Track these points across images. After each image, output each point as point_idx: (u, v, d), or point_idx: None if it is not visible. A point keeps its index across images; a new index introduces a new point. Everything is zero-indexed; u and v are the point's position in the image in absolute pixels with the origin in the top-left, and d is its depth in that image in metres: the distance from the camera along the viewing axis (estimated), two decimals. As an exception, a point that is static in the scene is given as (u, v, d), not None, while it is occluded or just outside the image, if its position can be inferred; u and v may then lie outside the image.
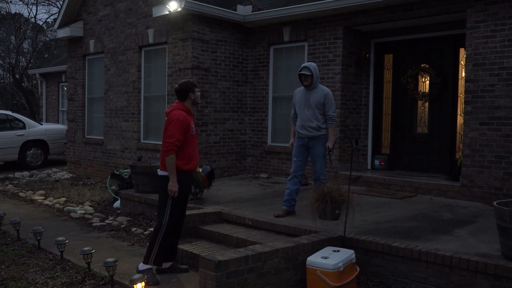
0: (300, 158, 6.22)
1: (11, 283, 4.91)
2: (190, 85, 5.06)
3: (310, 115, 6.08)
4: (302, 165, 6.25)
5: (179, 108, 5.00)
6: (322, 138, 6.11)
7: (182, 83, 5.08)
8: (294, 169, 6.25)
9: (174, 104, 5.09)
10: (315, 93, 6.09)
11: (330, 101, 6.09)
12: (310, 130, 6.08)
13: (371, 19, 8.22)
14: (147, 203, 7.52)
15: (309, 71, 6.00)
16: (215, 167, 8.15)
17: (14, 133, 12.98)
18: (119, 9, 10.76)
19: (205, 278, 4.12)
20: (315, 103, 6.07)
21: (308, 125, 6.09)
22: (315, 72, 6.05)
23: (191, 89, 5.03)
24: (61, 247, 5.58)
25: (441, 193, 7.35)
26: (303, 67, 6.06)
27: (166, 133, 4.88)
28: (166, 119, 5.01)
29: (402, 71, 8.70)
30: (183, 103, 5.05)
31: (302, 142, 6.19)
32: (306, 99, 6.15)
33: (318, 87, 6.13)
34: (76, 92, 12.36)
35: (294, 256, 4.63)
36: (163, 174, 4.98)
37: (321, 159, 6.13)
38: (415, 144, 8.67)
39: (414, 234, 5.25)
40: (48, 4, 26.14)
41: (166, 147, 4.84)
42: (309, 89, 6.13)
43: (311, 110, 6.08)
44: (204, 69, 9.29)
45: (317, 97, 6.07)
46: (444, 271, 4.49)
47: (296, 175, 6.21)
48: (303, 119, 6.14)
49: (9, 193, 9.84)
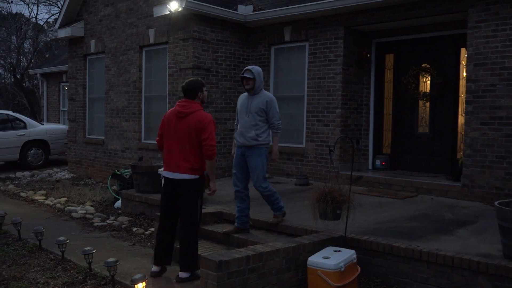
0: (239, 170, 5.63)
1: (13, 282, 4.91)
2: (200, 84, 4.96)
3: (249, 122, 5.52)
4: (242, 178, 5.65)
5: (200, 108, 4.89)
6: (259, 148, 5.53)
7: (191, 82, 4.96)
8: (234, 184, 5.69)
9: (190, 103, 4.88)
10: (257, 99, 5.53)
11: (273, 109, 5.54)
12: (247, 138, 5.51)
13: (372, 19, 8.22)
14: (148, 203, 7.52)
15: (251, 74, 5.48)
16: (216, 167, 8.14)
17: (15, 133, 12.99)
18: (120, 9, 10.76)
19: (206, 278, 4.12)
20: (255, 109, 5.51)
21: (246, 132, 5.52)
22: (258, 77, 5.53)
23: (200, 88, 4.94)
24: (62, 247, 5.59)
25: (442, 193, 7.34)
26: (245, 70, 5.54)
27: (206, 135, 4.76)
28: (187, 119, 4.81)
29: (403, 71, 8.70)
30: (197, 102, 4.93)
31: (240, 151, 5.63)
32: (247, 104, 5.59)
33: (262, 93, 5.58)
34: (77, 92, 12.37)
35: (295, 256, 4.63)
36: (191, 178, 4.84)
37: (255, 170, 5.53)
38: (416, 144, 8.66)
39: (415, 234, 5.24)
40: (49, 4, 26.15)
41: (212, 150, 4.79)
42: (251, 94, 5.58)
43: (251, 116, 5.51)
44: (205, 69, 9.29)
45: (258, 103, 5.51)
46: (446, 272, 4.49)
47: (239, 190, 5.64)
48: (242, 126, 5.58)
49: (10, 193, 9.84)
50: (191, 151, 4.81)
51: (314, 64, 8.97)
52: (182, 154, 4.81)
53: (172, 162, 4.86)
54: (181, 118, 4.84)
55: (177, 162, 4.82)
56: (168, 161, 4.89)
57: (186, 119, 4.82)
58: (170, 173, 4.89)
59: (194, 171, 4.83)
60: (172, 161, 4.86)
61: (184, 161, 4.80)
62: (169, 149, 4.89)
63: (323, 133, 8.80)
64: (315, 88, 8.96)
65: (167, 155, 4.91)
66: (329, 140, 8.68)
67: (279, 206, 5.78)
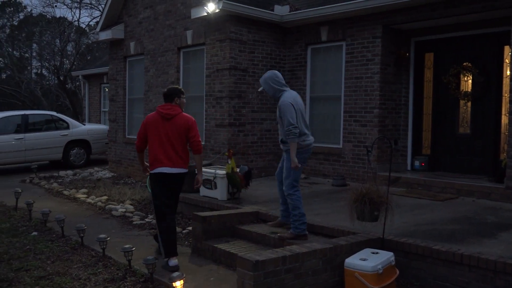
0: None
1: (56, 278, 5.08)
2: (178, 91, 5.63)
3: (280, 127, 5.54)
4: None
5: (181, 111, 5.56)
6: (287, 152, 5.45)
7: (171, 88, 5.65)
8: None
9: (174, 107, 5.51)
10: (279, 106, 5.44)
11: (283, 113, 5.28)
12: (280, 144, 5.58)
13: (411, 18, 8.07)
14: (185, 202, 7.63)
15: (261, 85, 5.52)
16: (252, 167, 8.18)
17: (59, 133, 13.42)
18: (159, 11, 10.95)
19: (242, 277, 4.14)
20: (278, 115, 5.48)
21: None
22: (265, 84, 5.44)
23: (178, 94, 5.59)
24: (103, 244, 5.73)
25: (484, 195, 7.13)
26: None
27: (193, 133, 5.46)
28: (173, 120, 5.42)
29: (443, 70, 8.50)
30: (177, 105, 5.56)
31: None
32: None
33: (280, 98, 5.40)
34: (117, 93, 12.66)
35: (332, 257, 4.60)
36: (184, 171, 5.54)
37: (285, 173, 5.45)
38: (456, 144, 8.46)
39: (455, 237, 5.12)
40: (90, 8, 26.90)
41: (200, 146, 5.52)
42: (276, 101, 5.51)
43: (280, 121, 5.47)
44: (242, 69, 9.34)
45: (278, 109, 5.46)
46: (488, 276, 4.37)
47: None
48: None
49: (54, 191, 10.17)
50: (181, 148, 5.46)
51: (351, 64, 8.88)
52: (175, 151, 5.42)
53: (167, 159, 5.41)
54: (168, 120, 5.45)
55: (172, 159, 5.41)
56: (163, 158, 5.41)
57: (172, 120, 5.45)
58: (168, 169, 5.42)
59: (185, 165, 5.54)
60: (167, 158, 5.41)
61: (178, 157, 5.44)
62: (162, 148, 5.41)
63: (361, 133, 8.71)
64: (352, 88, 8.88)
65: (161, 153, 5.41)
66: (366, 141, 8.57)
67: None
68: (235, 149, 9.12)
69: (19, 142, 12.60)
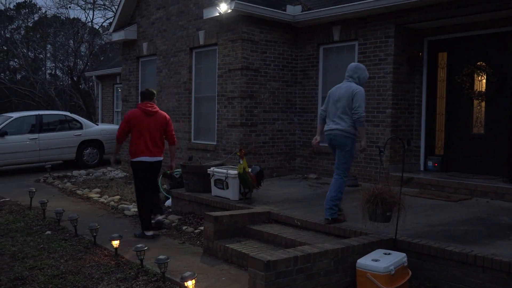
0: None
1: (70, 276, 5.13)
2: (154, 93, 6.81)
3: None
4: None
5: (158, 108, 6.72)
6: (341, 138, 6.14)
7: (149, 89, 6.80)
8: None
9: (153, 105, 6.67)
10: None
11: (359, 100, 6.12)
12: None
13: (424, 17, 8.01)
14: (197, 202, 7.65)
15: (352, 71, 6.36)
16: (264, 167, 8.18)
17: (72, 133, 13.55)
18: (171, 12, 11.00)
19: (254, 277, 4.15)
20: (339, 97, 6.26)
21: None
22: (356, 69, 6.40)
23: (154, 95, 6.79)
24: (115, 244, 5.77)
25: (499, 196, 7.05)
26: None
27: (170, 128, 6.72)
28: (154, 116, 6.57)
29: (457, 70, 8.43)
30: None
31: None
32: None
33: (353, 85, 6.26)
34: (130, 93, 12.74)
35: (343, 258, 4.58)
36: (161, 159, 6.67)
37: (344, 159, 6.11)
38: (470, 145, 8.37)
39: (469, 238, 5.07)
40: (104, 9, 27.12)
41: (175, 138, 6.82)
42: None
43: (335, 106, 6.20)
44: (254, 69, 9.35)
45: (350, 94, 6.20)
46: (502, 278, 4.32)
47: None
48: None
49: (67, 190, 10.27)
50: (159, 140, 6.60)
51: (363, 64, 8.82)
52: (154, 142, 6.52)
53: (148, 150, 6.47)
54: (150, 115, 6.54)
55: (152, 149, 6.50)
56: (145, 149, 6.45)
57: (153, 116, 6.57)
58: (150, 158, 6.50)
59: (162, 154, 6.66)
60: (149, 149, 6.47)
61: (157, 148, 6.56)
62: (144, 140, 6.44)
63: (373, 133, 8.66)
64: (364, 88, 8.80)
65: (143, 144, 6.44)
66: (379, 141, 8.53)
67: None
68: (247, 149, 9.13)
69: (33, 142, 12.74)
